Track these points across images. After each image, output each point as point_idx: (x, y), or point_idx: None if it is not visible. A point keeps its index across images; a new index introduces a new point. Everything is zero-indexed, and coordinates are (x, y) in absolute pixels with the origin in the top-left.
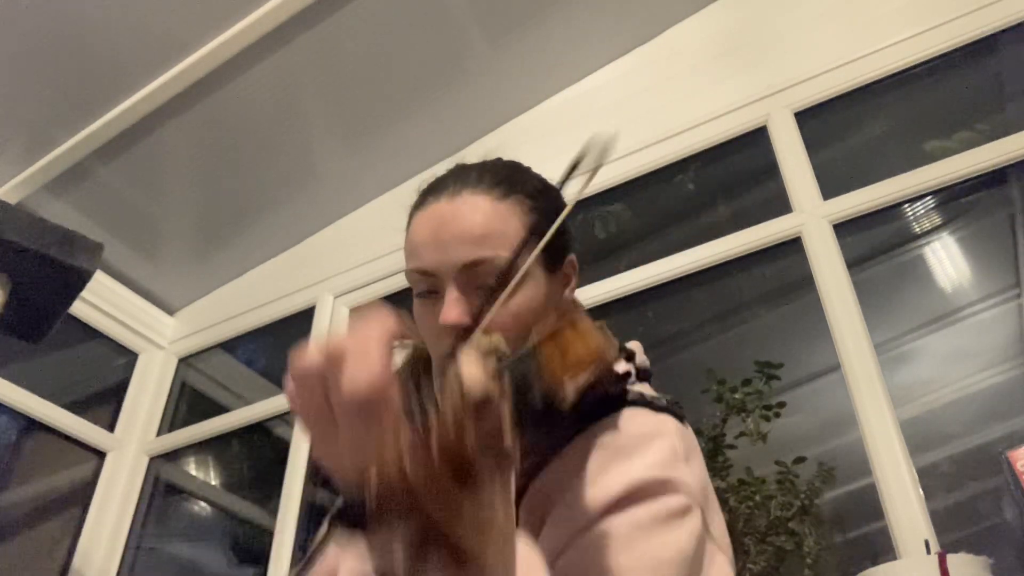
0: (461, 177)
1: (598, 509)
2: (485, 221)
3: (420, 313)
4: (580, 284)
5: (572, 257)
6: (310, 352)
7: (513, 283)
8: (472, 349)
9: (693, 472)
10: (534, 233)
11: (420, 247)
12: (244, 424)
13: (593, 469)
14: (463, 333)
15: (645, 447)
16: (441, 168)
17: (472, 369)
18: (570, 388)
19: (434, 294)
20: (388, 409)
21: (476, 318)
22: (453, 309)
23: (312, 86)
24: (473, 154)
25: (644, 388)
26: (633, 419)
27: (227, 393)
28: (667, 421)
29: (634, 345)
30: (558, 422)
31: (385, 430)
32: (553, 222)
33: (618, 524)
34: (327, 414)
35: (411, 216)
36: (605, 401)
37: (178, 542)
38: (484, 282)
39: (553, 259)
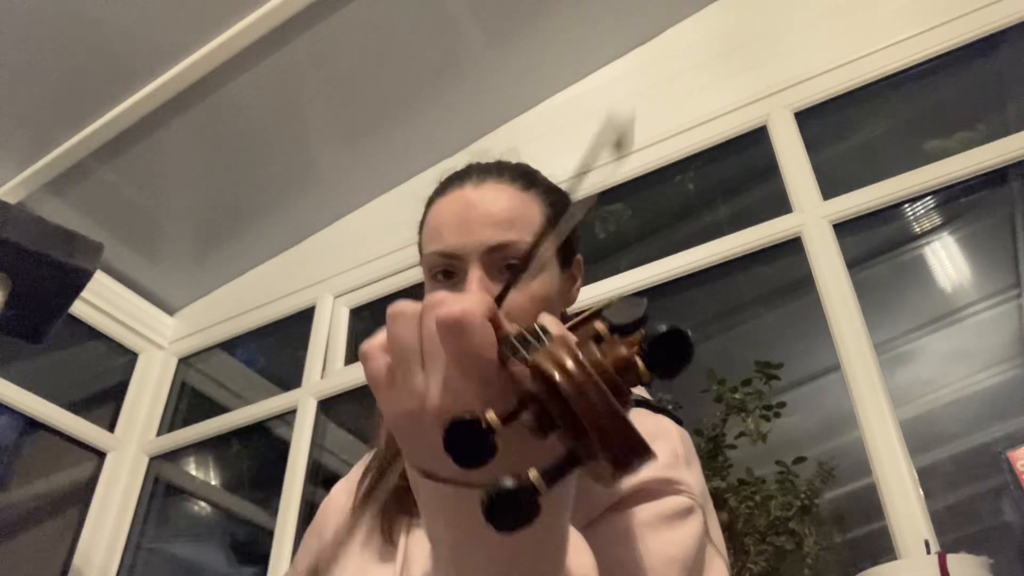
0: (482, 169)
1: (604, 504)
2: (511, 206)
3: None
4: (580, 284)
5: (579, 257)
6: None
7: (533, 264)
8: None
9: (694, 475)
10: (552, 224)
11: (444, 229)
12: (244, 424)
13: None
14: None
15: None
16: (440, 169)
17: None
18: None
19: (452, 276)
20: (485, 336)
21: (498, 298)
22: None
23: (312, 86)
24: (474, 154)
25: (642, 391)
26: (637, 420)
27: (227, 393)
28: (667, 423)
29: None
30: None
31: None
32: (566, 218)
33: (625, 520)
34: (417, 349)
35: (431, 202)
36: None
37: (178, 542)
38: (507, 265)
39: (566, 256)
